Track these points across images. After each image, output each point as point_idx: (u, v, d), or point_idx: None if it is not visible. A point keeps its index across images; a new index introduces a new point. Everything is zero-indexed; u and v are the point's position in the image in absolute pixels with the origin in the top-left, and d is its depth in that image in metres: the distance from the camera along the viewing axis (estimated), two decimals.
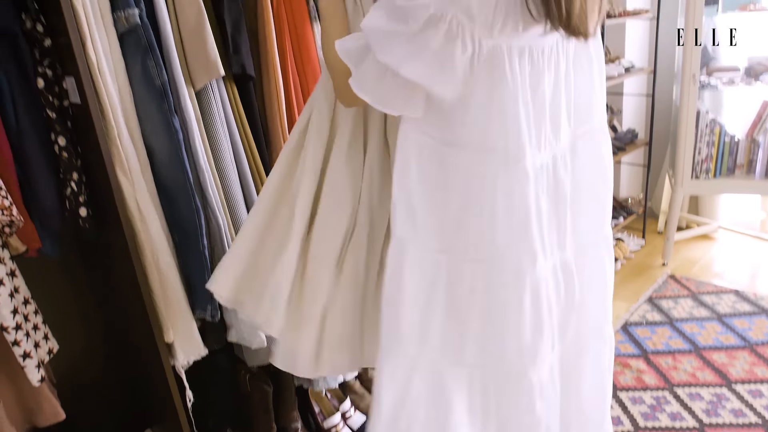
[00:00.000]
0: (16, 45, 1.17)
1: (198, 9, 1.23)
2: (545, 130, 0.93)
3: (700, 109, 2.90)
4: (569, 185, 1.00)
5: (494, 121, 0.88)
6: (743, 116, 3.06)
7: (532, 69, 0.88)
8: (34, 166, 1.24)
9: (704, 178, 3.02)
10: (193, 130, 1.27)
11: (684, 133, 2.89)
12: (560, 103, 0.95)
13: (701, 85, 2.88)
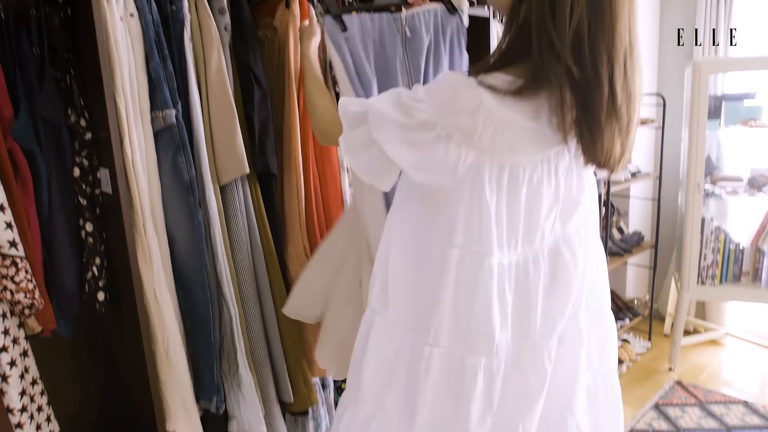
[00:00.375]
0: (59, 136, 1.25)
1: (230, 110, 1.32)
2: (518, 234, 1.01)
3: (705, 216, 2.96)
4: (542, 284, 1.05)
5: (467, 222, 0.98)
6: (748, 225, 3.11)
7: (511, 182, 0.98)
8: (60, 249, 1.29)
9: (710, 284, 3.03)
10: (214, 223, 1.32)
11: (689, 239, 2.93)
12: (540, 210, 1.02)
13: (706, 194, 2.95)
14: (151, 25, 1.24)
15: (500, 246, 1.00)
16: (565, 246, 1.06)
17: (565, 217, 1.06)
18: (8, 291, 1.17)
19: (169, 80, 1.26)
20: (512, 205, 0.99)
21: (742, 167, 3.16)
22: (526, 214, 1.01)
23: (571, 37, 0.87)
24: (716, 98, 3.00)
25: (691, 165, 2.84)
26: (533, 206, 1.01)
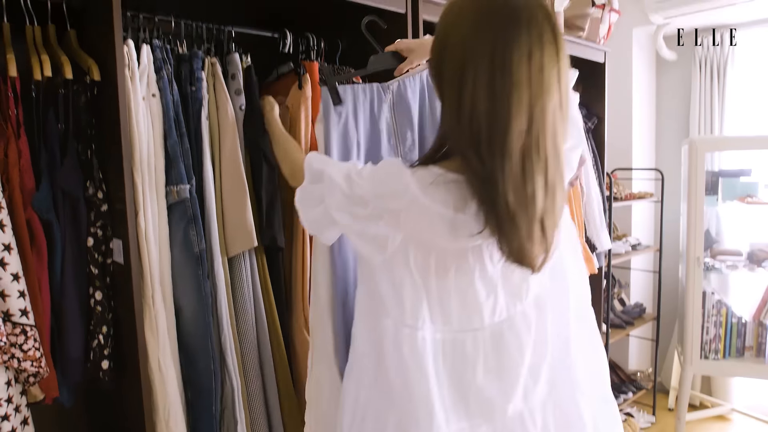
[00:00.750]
0: (77, 207, 1.30)
1: (242, 186, 1.38)
2: (450, 313, 1.05)
3: (706, 290, 2.97)
4: (482, 365, 1.07)
5: (397, 297, 1.04)
6: (749, 299, 3.12)
7: (438, 266, 1.02)
8: (68, 317, 1.31)
9: (713, 358, 3.00)
10: (221, 294, 1.35)
11: (691, 312, 2.93)
12: (476, 293, 1.05)
13: (706, 267, 2.98)
14: (171, 104, 1.31)
15: (433, 320, 1.05)
16: (509, 330, 1.08)
17: (511, 302, 1.08)
18: (15, 359, 1.19)
19: (185, 157, 1.32)
20: (442, 287, 1.04)
21: (741, 241, 3.19)
22: (459, 295, 1.05)
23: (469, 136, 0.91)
24: (713, 174, 3.08)
25: (690, 239, 2.88)
26: (467, 290, 1.05)
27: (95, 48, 1.27)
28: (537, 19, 0.90)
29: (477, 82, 0.89)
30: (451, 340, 1.07)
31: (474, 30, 0.91)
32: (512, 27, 0.89)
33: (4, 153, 1.22)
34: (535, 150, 0.91)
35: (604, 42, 2.55)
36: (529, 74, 0.89)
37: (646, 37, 3.52)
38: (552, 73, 0.91)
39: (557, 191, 0.96)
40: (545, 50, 0.90)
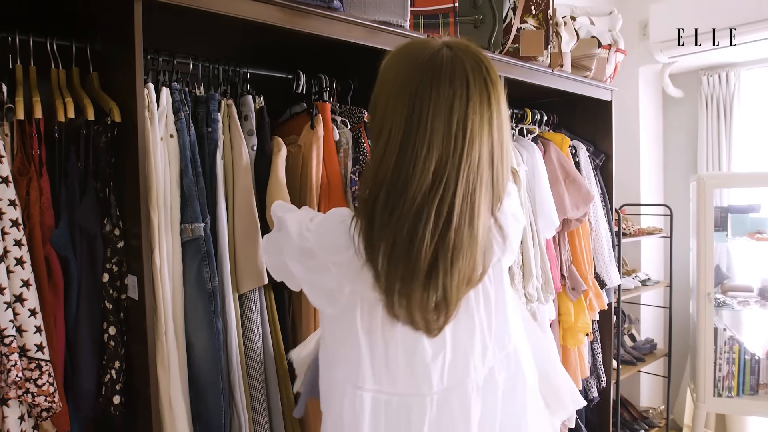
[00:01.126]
0: (93, 244, 1.33)
1: (254, 225, 1.40)
2: (396, 372, 1.00)
3: (717, 326, 2.94)
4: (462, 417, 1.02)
5: (345, 350, 1.03)
6: (762, 335, 3.08)
7: (384, 319, 0.97)
8: (82, 352, 1.33)
9: (727, 396, 2.96)
10: (232, 331, 1.37)
11: (702, 349, 2.91)
12: (423, 352, 1.00)
13: (717, 303, 2.96)
14: (188, 144, 1.35)
15: (377, 381, 1.01)
16: (457, 400, 1.02)
17: (461, 367, 1.02)
18: (29, 394, 1.21)
19: (200, 195, 1.35)
20: (389, 344, 1.00)
21: (753, 277, 3.18)
22: (407, 354, 1.00)
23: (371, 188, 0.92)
24: (722, 209, 3.08)
25: (701, 275, 2.87)
26: (415, 348, 1.00)
27: (117, 90, 1.32)
28: (462, 72, 0.88)
29: (391, 137, 0.88)
30: (396, 404, 1.01)
31: (396, 87, 0.90)
32: (432, 84, 0.87)
33: (26, 191, 1.25)
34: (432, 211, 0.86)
35: (611, 81, 2.59)
36: (448, 128, 0.86)
37: (652, 75, 3.58)
38: (480, 126, 0.88)
39: (464, 257, 0.90)
40: (471, 102, 0.87)
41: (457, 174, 0.87)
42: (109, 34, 1.34)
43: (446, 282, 0.90)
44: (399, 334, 0.99)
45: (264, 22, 1.37)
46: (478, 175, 0.88)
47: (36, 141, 1.26)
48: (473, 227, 0.90)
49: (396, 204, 0.87)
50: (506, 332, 1.07)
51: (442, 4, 1.75)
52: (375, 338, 1.00)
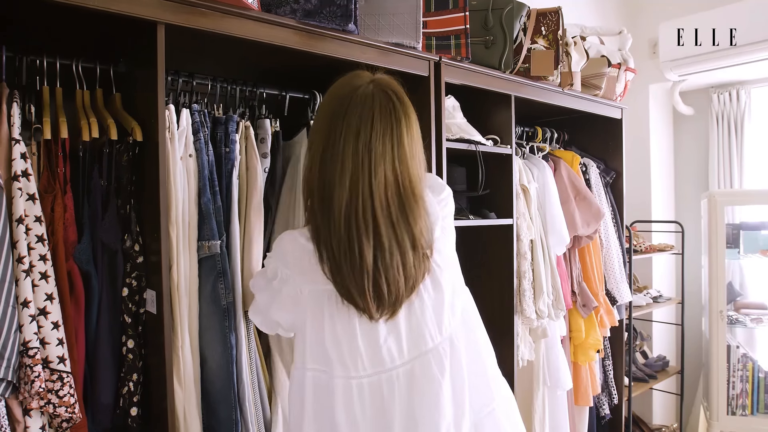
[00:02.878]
0: (114, 259, 1.37)
1: (261, 242, 1.45)
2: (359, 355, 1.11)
3: (730, 344, 2.93)
4: (398, 405, 1.11)
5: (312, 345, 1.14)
6: None
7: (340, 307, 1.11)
8: (101, 365, 1.36)
9: (741, 414, 2.94)
10: (242, 346, 1.40)
11: (715, 367, 2.89)
12: (378, 334, 1.12)
13: (730, 321, 2.94)
14: (206, 164, 1.39)
15: (343, 365, 1.11)
16: (420, 368, 1.13)
17: (417, 340, 1.14)
18: (51, 404, 1.24)
19: (217, 213, 1.39)
20: (347, 328, 1.12)
21: (766, 295, 3.16)
22: (364, 337, 1.12)
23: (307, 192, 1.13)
24: (734, 227, 3.08)
25: (713, 293, 2.87)
26: (371, 330, 1.12)
27: (139, 110, 1.37)
28: (371, 105, 1.07)
29: (314, 152, 1.10)
30: (367, 385, 1.12)
31: (321, 112, 1.13)
32: (347, 112, 1.07)
33: (51, 208, 1.30)
34: (359, 217, 1.05)
35: (621, 99, 2.62)
36: (355, 152, 1.05)
37: (663, 93, 3.60)
38: (383, 150, 1.06)
39: (396, 254, 1.07)
40: (374, 130, 1.06)
41: (370, 189, 1.05)
42: (133, 57, 1.39)
43: (388, 278, 1.07)
44: (356, 320, 1.12)
45: (281, 45, 1.41)
46: (387, 190, 1.06)
47: (61, 159, 1.31)
48: (399, 236, 1.07)
49: (328, 212, 1.07)
50: (456, 302, 1.22)
51: (454, 26, 1.79)
52: (335, 326, 1.12)
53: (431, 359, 1.14)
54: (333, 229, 1.06)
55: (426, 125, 1.73)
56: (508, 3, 1.93)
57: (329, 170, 1.06)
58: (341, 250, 1.06)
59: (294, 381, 1.19)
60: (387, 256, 1.06)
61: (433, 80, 1.74)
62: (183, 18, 1.26)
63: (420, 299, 1.15)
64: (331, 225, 1.06)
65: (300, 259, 1.14)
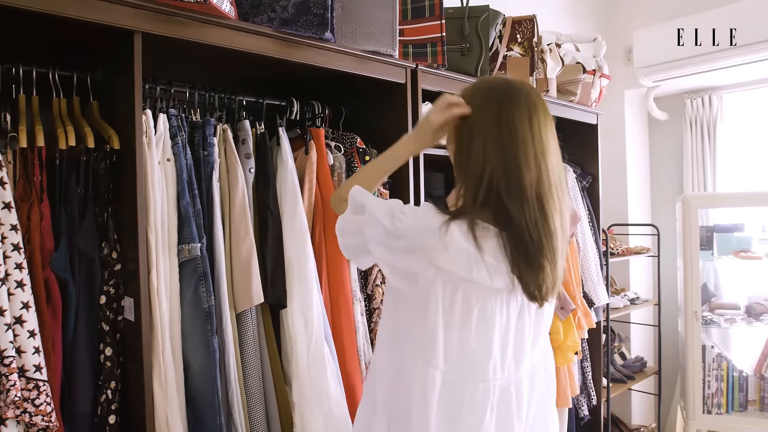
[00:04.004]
0: (92, 267, 1.36)
1: (251, 246, 1.45)
2: (465, 355, 1.11)
3: (705, 344, 2.98)
4: (488, 415, 1.12)
5: (421, 331, 1.11)
6: (750, 352, 3.12)
7: (463, 305, 1.09)
8: (78, 373, 1.35)
9: (716, 412, 2.99)
10: (229, 350, 1.40)
11: (691, 366, 2.94)
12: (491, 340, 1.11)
13: (705, 321, 3.00)
14: (185, 168, 1.40)
15: (447, 362, 1.10)
16: (515, 389, 1.15)
17: (519, 358, 1.15)
18: (27, 413, 1.23)
19: (197, 216, 1.40)
20: (463, 327, 1.10)
21: (739, 295, 3.23)
22: (477, 340, 1.11)
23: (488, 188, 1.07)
24: (708, 229, 3.14)
25: (688, 294, 2.92)
26: (484, 335, 1.11)
27: (116, 118, 1.37)
28: (529, 95, 1.12)
29: (487, 144, 1.08)
30: (461, 386, 1.11)
31: (481, 104, 1.12)
32: (512, 99, 1.10)
33: (27, 216, 1.29)
34: (548, 194, 1.07)
35: (596, 105, 2.67)
36: (531, 135, 1.08)
37: (637, 99, 3.67)
38: (550, 136, 1.11)
39: (566, 230, 1.12)
40: (541, 118, 1.10)
41: (548, 168, 1.08)
42: (110, 65, 1.39)
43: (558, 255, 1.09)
44: (474, 319, 1.09)
45: (258, 53, 1.43)
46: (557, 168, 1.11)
47: (38, 168, 1.31)
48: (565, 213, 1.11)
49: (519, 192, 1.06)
50: (546, 332, 1.24)
51: (431, 34, 1.82)
52: (452, 321, 1.09)
53: (524, 382, 1.17)
54: (530, 216, 1.05)
55: (403, 131, 1.76)
56: (483, 11, 1.96)
57: (511, 155, 1.07)
58: (541, 235, 1.06)
59: (385, 354, 1.20)
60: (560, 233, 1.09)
61: (410, 87, 1.77)
62: (160, 27, 1.27)
63: (528, 317, 1.17)
64: (527, 212, 1.06)
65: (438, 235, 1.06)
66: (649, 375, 3.33)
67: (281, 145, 1.58)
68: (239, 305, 1.44)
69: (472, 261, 1.05)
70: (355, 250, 1.20)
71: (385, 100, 1.80)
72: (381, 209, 1.13)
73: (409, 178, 1.77)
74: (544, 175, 1.08)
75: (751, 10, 2.87)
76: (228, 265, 1.46)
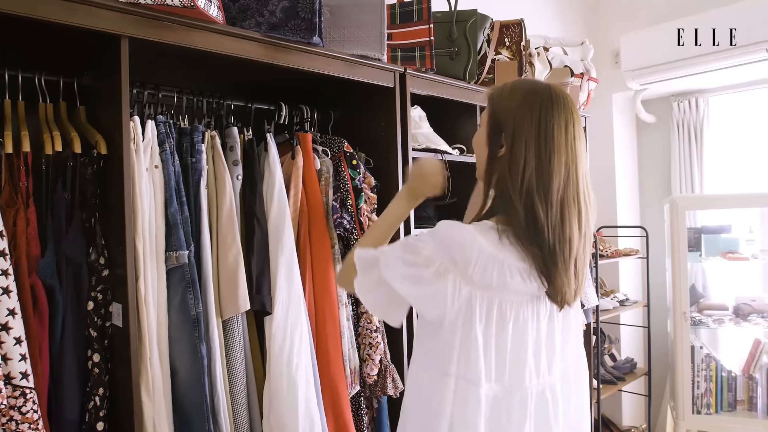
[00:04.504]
0: (79, 273, 1.35)
1: (237, 253, 1.45)
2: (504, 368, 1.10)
3: (694, 345, 3.01)
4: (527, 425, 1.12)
5: (459, 351, 1.08)
6: (738, 352, 3.15)
7: (499, 317, 1.09)
8: (66, 379, 1.34)
9: (706, 413, 3.01)
10: (216, 356, 1.40)
11: (680, 367, 2.96)
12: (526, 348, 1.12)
13: (694, 322, 3.02)
14: (172, 175, 1.39)
15: (488, 377, 1.09)
16: (551, 393, 1.15)
17: (551, 363, 1.16)
18: (14, 421, 1.22)
19: (185, 224, 1.39)
20: (500, 339, 1.09)
21: (727, 296, 3.25)
22: (513, 349, 1.10)
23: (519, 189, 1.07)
24: (695, 230, 3.17)
25: (676, 295, 2.95)
26: (520, 344, 1.11)
27: (103, 123, 1.37)
28: (567, 102, 1.13)
29: (528, 147, 1.09)
30: (501, 398, 1.11)
31: (522, 106, 1.12)
32: (552, 106, 1.11)
33: (13, 222, 1.28)
34: (571, 201, 1.09)
35: (585, 108, 2.69)
36: (566, 142, 1.09)
37: (625, 102, 3.70)
38: (581, 144, 1.13)
39: (588, 237, 1.13)
40: (576, 126, 1.12)
41: (576, 175, 1.10)
42: (97, 70, 1.39)
43: (580, 260, 1.11)
44: (509, 330, 1.10)
45: (246, 57, 1.43)
46: (587, 179, 1.13)
47: (24, 173, 1.30)
48: (590, 218, 1.13)
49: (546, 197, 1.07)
50: (580, 333, 1.25)
51: (419, 38, 1.83)
52: (489, 337, 1.09)
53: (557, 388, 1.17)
54: (551, 219, 1.06)
55: (392, 135, 1.76)
56: (471, 15, 1.97)
57: (546, 163, 1.08)
58: (558, 240, 1.07)
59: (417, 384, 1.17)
60: (584, 240, 1.11)
61: (399, 91, 1.78)
62: (147, 32, 1.27)
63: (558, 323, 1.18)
64: (549, 215, 1.06)
65: (493, 260, 1.06)
66: (639, 376, 3.35)
67: (269, 151, 1.58)
68: (226, 312, 1.44)
69: (505, 269, 1.06)
70: (384, 303, 1.16)
71: (373, 104, 1.80)
72: (397, 248, 1.12)
73: (398, 184, 1.77)
74: (572, 182, 1.09)
75: (738, 13, 2.90)
76: (215, 273, 1.45)
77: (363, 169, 1.73)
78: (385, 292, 1.12)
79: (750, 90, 3.43)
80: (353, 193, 1.67)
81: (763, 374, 2.95)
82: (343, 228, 1.65)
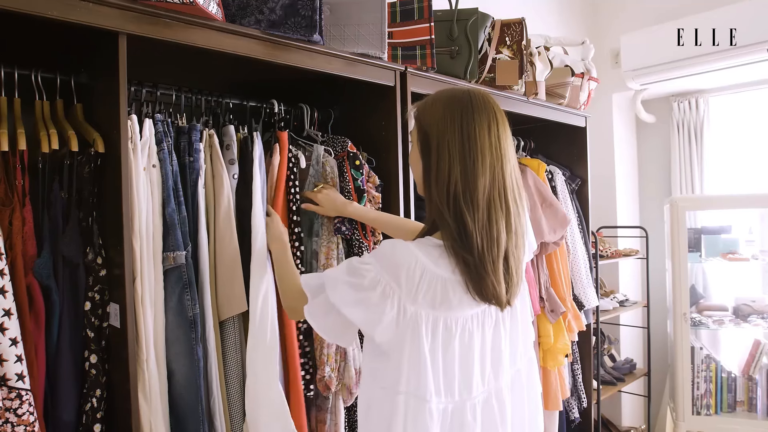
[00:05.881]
0: (76, 273, 1.34)
1: (235, 253, 1.43)
2: (454, 382, 1.13)
3: (694, 345, 3.00)
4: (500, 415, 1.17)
5: (408, 369, 1.10)
6: (738, 353, 3.15)
7: (445, 334, 1.11)
8: (62, 381, 1.33)
9: (705, 413, 3.01)
10: (212, 358, 1.38)
11: (680, 368, 2.96)
12: (473, 360, 1.14)
13: (694, 323, 3.02)
14: (170, 174, 1.38)
15: (437, 392, 1.11)
16: (497, 400, 1.18)
17: (497, 370, 1.18)
18: (9, 423, 1.20)
19: (182, 224, 1.37)
20: (447, 355, 1.12)
21: (727, 297, 3.25)
22: (461, 363, 1.13)
23: (445, 196, 1.09)
24: (695, 231, 3.17)
25: (676, 296, 2.94)
26: (467, 357, 1.14)
27: (101, 121, 1.35)
28: (488, 103, 1.15)
29: (452, 155, 1.10)
30: (451, 411, 1.13)
31: (444, 116, 1.14)
32: (472, 110, 1.13)
33: (8, 221, 1.27)
34: (498, 201, 1.10)
35: (585, 108, 2.68)
36: (489, 143, 1.11)
37: (625, 102, 3.69)
38: (507, 142, 1.14)
39: (519, 234, 1.14)
40: (500, 125, 1.14)
41: (503, 173, 1.11)
42: (94, 67, 1.37)
43: (511, 258, 1.12)
44: (456, 345, 1.12)
45: (245, 55, 1.41)
46: (515, 178, 1.14)
47: (20, 172, 1.28)
48: (521, 217, 1.14)
49: (472, 200, 1.09)
50: (528, 336, 1.26)
51: (420, 36, 1.81)
52: (436, 353, 1.11)
53: (504, 392, 1.20)
54: (478, 220, 1.08)
55: (392, 134, 1.75)
56: (472, 14, 1.96)
57: (471, 166, 1.09)
58: (486, 240, 1.08)
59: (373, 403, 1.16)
60: (514, 238, 1.12)
61: (399, 90, 1.76)
62: (146, 29, 1.25)
63: (504, 326, 1.19)
64: (476, 217, 1.08)
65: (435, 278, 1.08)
66: (639, 377, 3.34)
67: (254, 149, 1.55)
68: (223, 313, 1.43)
69: (447, 286, 1.08)
70: (334, 328, 1.17)
71: (374, 102, 1.79)
72: (341, 272, 1.13)
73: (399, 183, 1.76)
74: (498, 182, 1.11)
75: (738, 13, 2.89)
76: (212, 273, 1.44)
77: (367, 169, 1.72)
78: (334, 317, 1.13)
79: (750, 90, 3.42)
80: (355, 194, 1.65)
81: (762, 375, 2.95)
82: (342, 233, 1.64)
